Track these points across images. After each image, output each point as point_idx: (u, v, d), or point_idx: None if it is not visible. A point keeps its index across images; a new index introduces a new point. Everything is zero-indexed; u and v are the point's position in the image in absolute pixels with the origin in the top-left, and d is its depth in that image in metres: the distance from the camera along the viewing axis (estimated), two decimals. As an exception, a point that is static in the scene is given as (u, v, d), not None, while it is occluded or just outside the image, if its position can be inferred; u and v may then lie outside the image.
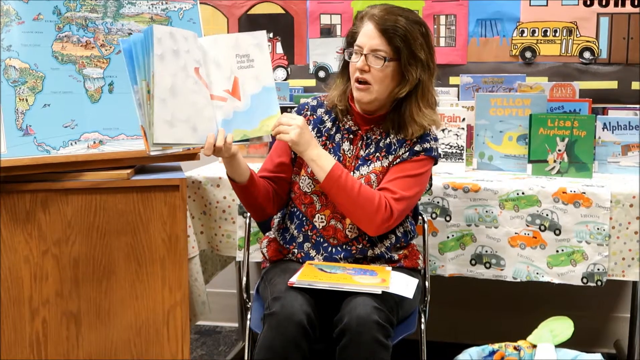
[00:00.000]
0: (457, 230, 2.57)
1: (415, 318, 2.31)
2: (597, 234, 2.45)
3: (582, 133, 2.67)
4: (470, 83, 3.12)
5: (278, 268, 2.26)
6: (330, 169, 2.13)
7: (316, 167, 2.14)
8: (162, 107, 1.94)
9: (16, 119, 2.11)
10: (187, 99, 1.99)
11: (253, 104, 2.10)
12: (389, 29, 2.14)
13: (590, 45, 3.18)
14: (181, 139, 1.99)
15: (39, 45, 2.16)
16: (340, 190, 2.13)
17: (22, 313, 2.19)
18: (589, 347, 2.94)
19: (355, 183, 2.14)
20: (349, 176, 2.15)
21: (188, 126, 2.00)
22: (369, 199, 2.13)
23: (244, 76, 2.10)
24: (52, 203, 2.18)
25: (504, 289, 2.97)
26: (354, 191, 2.13)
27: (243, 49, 2.10)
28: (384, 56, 2.15)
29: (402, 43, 2.14)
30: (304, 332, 1.96)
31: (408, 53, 2.15)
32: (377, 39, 2.15)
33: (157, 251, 2.23)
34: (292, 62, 3.45)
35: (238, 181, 2.19)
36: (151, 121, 1.93)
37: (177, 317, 2.26)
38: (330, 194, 2.17)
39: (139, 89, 1.96)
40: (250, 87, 2.10)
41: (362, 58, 2.16)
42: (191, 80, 2.00)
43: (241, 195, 2.25)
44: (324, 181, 2.13)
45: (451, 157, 2.78)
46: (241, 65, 2.09)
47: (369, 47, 2.16)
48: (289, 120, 2.11)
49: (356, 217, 2.17)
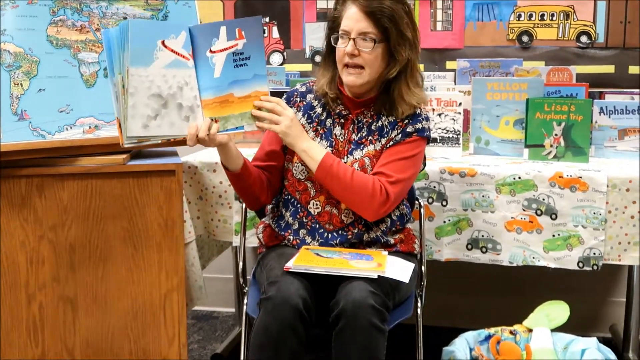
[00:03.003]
0: (454, 215, 2.58)
1: (412, 303, 2.31)
2: (593, 218, 2.45)
3: (578, 117, 2.67)
4: (467, 67, 3.11)
5: (274, 253, 2.26)
6: (322, 159, 2.12)
7: (307, 158, 2.14)
8: (136, 101, 1.98)
9: (11, 103, 2.10)
10: (163, 93, 2.01)
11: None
12: (375, 11, 2.13)
13: (587, 29, 3.17)
14: (157, 132, 2.02)
15: (34, 30, 2.14)
16: (333, 179, 2.13)
17: (18, 298, 2.19)
18: (585, 331, 2.96)
19: (348, 170, 2.14)
20: (341, 164, 2.15)
21: (165, 120, 2.02)
22: (363, 184, 2.13)
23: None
24: (48, 188, 2.17)
25: (500, 274, 2.98)
26: (347, 178, 2.12)
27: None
28: (373, 38, 2.14)
29: (390, 23, 2.14)
30: (300, 316, 1.96)
31: (396, 33, 2.15)
32: (364, 22, 2.14)
33: (154, 236, 2.23)
34: (289, 46, 3.44)
35: (231, 169, 2.19)
36: (125, 115, 1.97)
37: (174, 302, 2.26)
38: (324, 184, 2.17)
39: (116, 82, 1.99)
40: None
41: (350, 42, 2.15)
42: (171, 73, 2.02)
43: (235, 183, 2.25)
44: (317, 171, 2.13)
45: (448, 142, 2.78)
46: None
47: (356, 31, 2.15)
48: (281, 110, 2.10)
49: (353, 203, 2.17)
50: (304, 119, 2.29)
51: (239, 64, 2.08)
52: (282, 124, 2.09)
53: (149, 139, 2.02)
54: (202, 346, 3.21)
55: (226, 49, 2.06)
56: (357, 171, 2.17)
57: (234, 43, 2.06)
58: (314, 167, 2.14)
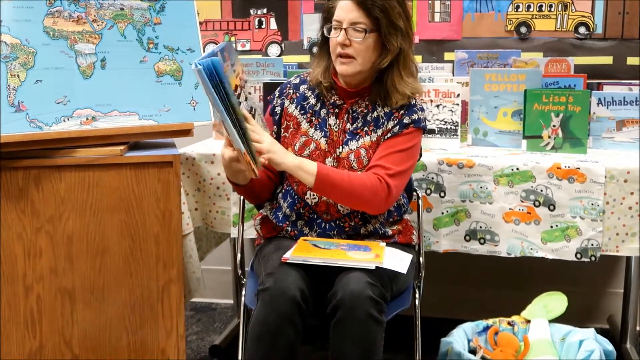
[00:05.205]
0: (452, 206, 2.57)
1: (410, 294, 2.31)
2: (591, 209, 2.45)
3: (576, 109, 2.67)
4: (465, 58, 3.11)
5: (272, 244, 2.26)
6: (317, 170, 2.11)
7: (302, 173, 2.11)
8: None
9: (8, 95, 2.10)
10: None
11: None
12: (366, 1, 2.13)
13: (585, 21, 3.17)
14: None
15: (30, 21, 2.14)
16: (332, 187, 2.12)
17: (16, 290, 2.19)
18: (583, 322, 2.96)
19: (344, 174, 2.14)
20: (336, 170, 2.15)
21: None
22: (362, 183, 2.12)
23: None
24: (45, 180, 2.17)
25: (498, 265, 2.98)
26: (345, 182, 2.12)
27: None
28: (364, 28, 2.14)
29: (381, 13, 2.14)
30: (297, 307, 1.96)
31: (387, 23, 2.15)
32: (356, 12, 2.14)
33: (151, 228, 2.23)
34: (286, 38, 3.43)
35: (241, 184, 2.20)
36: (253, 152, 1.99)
37: (172, 294, 2.26)
38: (325, 194, 2.16)
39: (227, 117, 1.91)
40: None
41: (342, 32, 2.15)
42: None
43: (242, 193, 2.28)
44: (315, 183, 2.11)
45: (446, 133, 2.78)
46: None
47: (348, 21, 2.15)
48: (260, 136, 2.04)
49: (357, 205, 2.17)
50: (297, 111, 2.29)
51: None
52: (266, 142, 2.05)
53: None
54: (201, 338, 3.22)
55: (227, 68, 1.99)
56: (352, 172, 2.16)
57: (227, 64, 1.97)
58: (312, 181, 2.10)
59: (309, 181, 2.11)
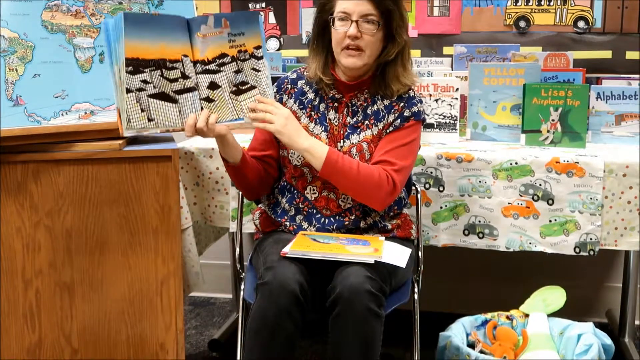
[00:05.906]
0: (451, 201, 2.57)
1: (409, 288, 2.31)
2: (590, 203, 2.45)
3: (575, 103, 2.67)
4: (464, 53, 3.10)
5: (271, 238, 2.26)
6: (326, 156, 2.11)
7: (310, 157, 2.12)
8: (131, 95, 1.96)
9: (6, 89, 2.09)
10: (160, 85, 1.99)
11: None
12: None
13: (584, 15, 3.16)
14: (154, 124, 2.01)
15: (28, 15, 2.13)
16: (340, 174, 2.12)
17: (15, 284, 2.19)
18: (581, 317, 2.96)
19: (353, 163, 2.13)
20: (346, 158, 2.14)
21: (163, 111, 2.00)
22: (369, 175, 2.12)
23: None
24: (44, 174, 2.16)
25: (497, 259, 2.98)
26: (354, 172, 2.12)
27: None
28: (377, 20, 2.14)
29: (393, 5, 2.14)
30: (296, 301, 1.96)
31: (399, 15, 2.16)
32: (366, 4, 2.14)
33: (150, 222, 2.22)
34: (285, 32, 3.43)
35: (231, 162, 2.18)
36: (122, 107, 1.95)
37: (171, 288, 2.25)
38: (331, 180, 2.16)
39: (114, 73, 1.98)
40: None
41: (353, 24, 2.14)
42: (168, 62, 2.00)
43: (233, 175, 2.25)
44: (323, 169, 2.11)
45: (444, 127, 2.78)
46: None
47: (358, 13, 2.14)
48: (273, 109, 2.08)
49: (361, 196, 2.16)
50: (296, 106, 2.29)
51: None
52: (277, 123, 2.07)
53: (148, 129, 2.01)
54: (200, 332, 3.22)
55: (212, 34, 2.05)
56: (362, 163, 2.16)
57: (220, 30, 2.05)
58: (319, 165, 2.11)
59: (317, 165, 2.11)
